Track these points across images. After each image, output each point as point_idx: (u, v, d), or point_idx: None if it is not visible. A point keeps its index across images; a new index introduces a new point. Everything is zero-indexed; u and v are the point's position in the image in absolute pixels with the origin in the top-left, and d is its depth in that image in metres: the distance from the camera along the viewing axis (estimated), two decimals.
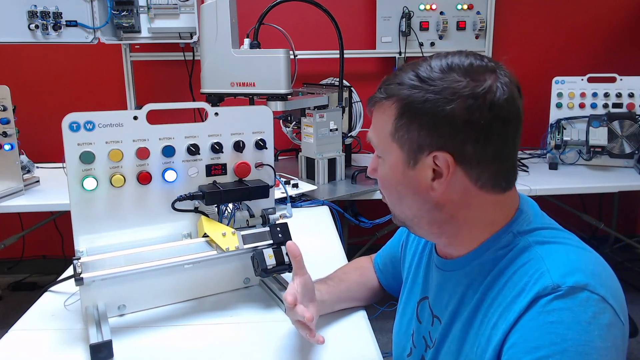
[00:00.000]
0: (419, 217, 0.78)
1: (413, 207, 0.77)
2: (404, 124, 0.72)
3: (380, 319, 2.46)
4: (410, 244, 1.00)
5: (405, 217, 0.80)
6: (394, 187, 0.78)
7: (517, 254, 0.72)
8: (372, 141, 0.79)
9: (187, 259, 1.02)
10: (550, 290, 0.64)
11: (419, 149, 0.72)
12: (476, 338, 0.73)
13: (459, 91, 0.68)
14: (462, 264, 0.79)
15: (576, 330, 0.61)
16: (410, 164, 0.74)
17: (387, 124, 0.74)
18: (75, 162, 0.97)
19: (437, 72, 0.71)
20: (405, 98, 0.72)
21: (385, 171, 0.78)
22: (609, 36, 2.91)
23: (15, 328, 1.00)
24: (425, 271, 0.91)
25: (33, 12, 2.21)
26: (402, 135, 0.73)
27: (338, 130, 2.03)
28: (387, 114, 0.74)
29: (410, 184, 0.75)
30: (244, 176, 1.12)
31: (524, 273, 0.69)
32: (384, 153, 0.77)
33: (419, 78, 0.71)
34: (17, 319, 1.03)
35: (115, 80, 2.69)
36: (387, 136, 0.75)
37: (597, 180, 2.21)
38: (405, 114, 0.72)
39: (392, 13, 2.70)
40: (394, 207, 0.81)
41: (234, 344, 0.95)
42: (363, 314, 1.05)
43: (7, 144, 1.95)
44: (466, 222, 0.76)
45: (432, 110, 0.69)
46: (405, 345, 0.93)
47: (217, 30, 1.81)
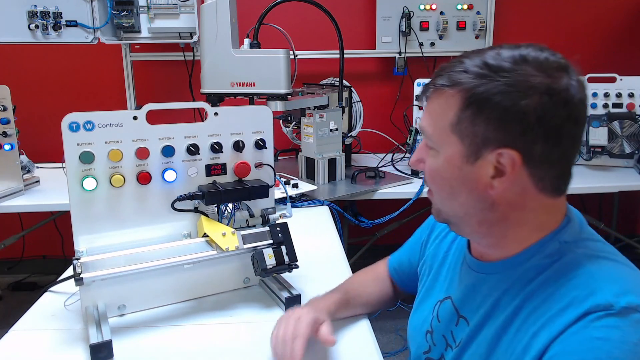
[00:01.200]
0: (470, 215, 0.74)
1: (465, 204, 0.73)
2: (469, 116, 0.67)
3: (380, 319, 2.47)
4: (431, 243, 0.99)
5: (453, 215, 0.76)
6: (447, 181, 0.73)
7: (565, 266, 0.69)
8: (426, 131, 0.74)
9: (187, 259, 1.02)
10: (602, 308, 0.62)
11: (483, 143, 0.67)
12: (510, 344, 0.70)
13: (534, 86, 0.64)
14: (501, 268, 0.76)
15: (623, 350, 0.59)
16: (471, 159, 0.69)
17: (448, 114, 0.69)
18: (75, 162, 0.97)
19: (508, 62, 0.66)
20: (472, 88, 0.66)
21: (439, 164, 0.73)
22: (609, 36, 2.91)
23: (15, 328, 1.00)
24: (450, 271, 0.89)
25: (33, 12, 2.21)
26: (466, 127, 0.68)
27: (338, 130, 2.03)
28: (449, 103, 0.69)
29: (467, 180, 0.71)
30: (243, 176, 1.12)
31: (573, 287, 0.66)
32: (439, 145, 0.72)
33: (489, 67, 0.66)
34: (17, 319, 1.03)
35: (115, 80, 2.69)
36: (446, 127, 0.70)
37: (597, 180, 2.21)
38: (472, 105, 0.67)
39: (392, 13, 2.70)
40: (443, 202, 0.77)
41: (234, 344, 0.95)
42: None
43: (7, 144, 1.95)
44: (517, 224, 0.72)
45: (504, 103, 0.64)
46: (421, 342, 0.91)
47: (217, 30, 1.81)
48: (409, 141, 2.25)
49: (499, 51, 0.68)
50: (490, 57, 0.67)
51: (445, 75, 0.70)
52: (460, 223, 0.77)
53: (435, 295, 0.91)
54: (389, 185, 2.05)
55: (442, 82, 0.70)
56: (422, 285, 0.98)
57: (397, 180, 2.11)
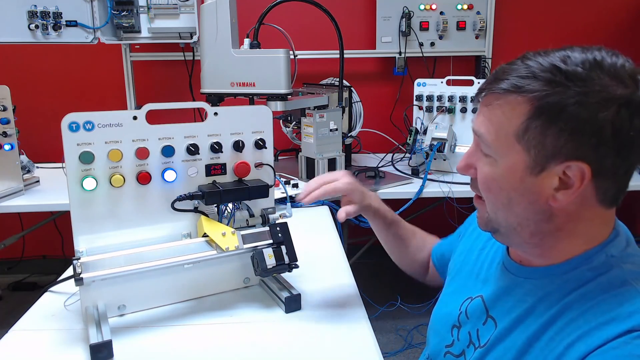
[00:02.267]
0: (523, 227, 0.70)
1: (521, 215, 0.69)
2: (539, 126, 0.63)
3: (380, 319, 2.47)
4: (467, 237, 0.98)
5: (505, 225, 0.72)
6: (505, 192, 0.69)
7: (610, 281, 0.67)
8: (485, 138, 0.69)
9: (187, 259, 1.02)
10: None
11: (552, 155, 0.63)
12: (541, 353, 0.68)
13: (613, 97, 0.60)
14: (541, 275, 0.74)
15: None
16: (535, 170, 0.65)
17: (513, 122, 0.65)
18: (75, 162, 0.97)
19: (581, 67, 0.62)
20: (544, 96, 0.62)
21: (497, 173, 0.69)
22: (609, 36, 2.91)
23: (15, 328, 1.00)
24: (484, 270, 0.87)
25: (33, 12, 2.21)
26: (534, 137, 0.64)
27: (338, 130, 2.03)
28: (516, 111, 0.65)
29: (528, 192, 0.67)
30: (243, 176, 1.12)
31: (618, 303, 0.64)
32: (499, 153, 0.68)
33: (561, 72, 0.62)
34: (17, 319, 1.03)
35: (115, 80, 2.69)
36: (509, 135, 0.66)
37: None
38: (543, 114, 0.62)
39: (392, 13, 2.70)
40: (496, 212, 0.72)
41: (234, 344, 0.95)
42: (363, 313, 1.05)
43: (7, 144, 1.95)
44: (569, 235, 0.70)
45: (581, 115, 0.60)
46: (445, 335, 0.90)
47: (217, 30, 1.81)
48: (409, 141, 2.25)
49: (568, 54, 0.64)
50: (559, 60, 0.64)
51: (510, 78, 0.66)
52: (511, 234, 0.73)
53: (466, 291, 0.89)
54: (389, 185, 2.05)
55: (506, 86, 0.66)
56: (452, 278, 0.97)
57: (397, 180, 2.11)
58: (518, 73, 0.65)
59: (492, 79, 0.69)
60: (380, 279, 2.82)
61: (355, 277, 1.22)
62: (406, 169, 2.30)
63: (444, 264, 1.09)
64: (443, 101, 2.25)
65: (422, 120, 2.28)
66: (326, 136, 2.01)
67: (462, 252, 0.98)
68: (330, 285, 1.18)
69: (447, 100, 2.25)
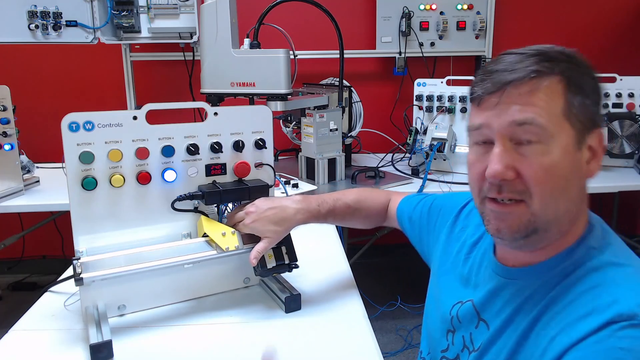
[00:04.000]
0: (568, 212, 0.70)
1: (574, 198, 0.70)
2: (577, 100, 0.67)
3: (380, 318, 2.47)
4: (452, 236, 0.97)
5: (553, 217, 0.69)
6: (563, 177, 0.68)
7: (587, 273, 0.68)
8: (537, 123, 0.66)
9: (187, 259, 1.02)
10: (626, 318, 0.60)
11: (590, 126, 0.68)
12: (530, 349, 0.69)
13: (593, 69, 0.69)
14: (527, 274, 0.75)
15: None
16: (579, 145, 0.68)
17: (557, 101, 0.67)
18: (75, 162, 0.97)
19: (565, 50, 0.70)
20: (572, 72, 0.67)
21: (555, 159, 0.67)
22: (609, 36, 2.91)
23: (15, 328, 1.00)
24: (474, 274, 0.87)
25: (33, 12, 2.21)
26: (576, 112, 0.67)
27: (338, 130, 2.03)
28: (554, 90, 0.67)
29: (578, 169, 0.69)
30: (243, 176, 1.12)
31: (597, 295, 0.65)
32: (552, 137, 0.67)
33: (565, 54, 0.69)
34: (17, 319, 1.03)
35: (115, 80, 2.69)
36: (558, 115, 0.67)
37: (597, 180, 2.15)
38: (576, 88, 0.67)
39: (392, 13, 2.70)
40: (549, 203, 0.68)
41: (234, 344, 0.95)
42: (363, 313, 1.05)
43: (7, 144, 1.95)
44: (578, 221, 0.72)
45: (597, 86, 0.68)
46: (440, 340, 0.89)
47: (217, 30, 1.81)
48: (409, 141, 2.25)
49: (548, 45, 0.70)
50: (549, 48, 0.70)
51: (529, 66, 0.67)
52: (550, 227, 0.70)
53: (457, 295, 0.89)
54: (389, 185, 2.05)
55: (538, 68, 0.67)
56: (438, 276, 0.97)
57: (397, 180, 2.11)
58: (529, 62, 0.67)
59: (505, 74, 0.68)
60: (380, 279, 2.83)
61: (355, 277, 1.22)
62: (406, 169, 2.30)
63: (414, 226, 1.11)
64: (443, 101, 2.25)
65: (422, 120, 2.28)
66: (326, 136, 2.01)
67: (449, 252, 0.96)
68: (330, 285, 1.18)
69: (447, 100, 2.25)
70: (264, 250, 1.03)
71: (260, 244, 1.03)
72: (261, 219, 1.03)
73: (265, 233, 1.03)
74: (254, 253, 1.02)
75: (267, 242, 1.03)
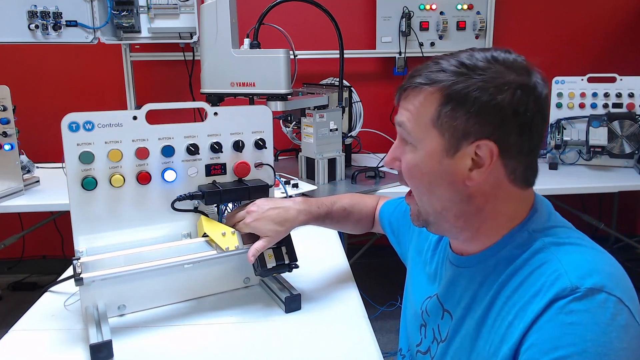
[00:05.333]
0: (447, 210, 0.76)
1: (443, 198, 0.76)
2: (449, 111, 0.71)
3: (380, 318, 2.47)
4: (421, 235, 1.01)
5: (432, 211, 0.78)
6: (426, 176, 0.76)
7: (532, 254, 0.72)
8: (405, 127, 0.76)
9: (187, 259, 1.02)
10: (569, 292, 0.64)
11: (463, 136, 0.71)
12: (489, 336, 0.73)
13: (509, 82, 0.69)
14: (476, 261, 0.79)
15: (595, 332, 0.62)
16: (450, 152, 0.73)
17: (428, 110, 0.73)
18: (75, 162, 0.97)
19: (482, 62, 0.71)
20: (451, 85, 0.71)
21: (418, 159, 0.76)
22: (609, 36, 2.91)
23: (15, 328, 1.00)
24: (438, 268, 0.92)
25: (33, 12, 2.21)
26: (446, 122, 0.72)
27: (338, 130, 2.03)
28: (429, 100, 0.73)
29: (446, 173, 0.74)
30: (243, 176, 1.12)
31: (541, 274, 0.69)
32: (419, 141, 0.75)
33: (465, 66, 0.71)
34: (17, 319, 1.03)
35: (115, 80, 2.69)
36: (427, 122, 0.73)
37: (597, 180, 2.21)
38: (452, 101, 0.71)
39: (392, 13, 2.70)
40: (421, 199, 0.79)
41: (234, 344, 0.95)
42: (363, 313, 1.05)
43: (7, 144, 1.95)
44: (491, 216, 0.76)
45: (482, 98, 0.69)
46: (414, 335, 0.93)
47: (217, 30, 1.81)
48: None
49: (471, 53, 0.73)
50: (464, 57, 0.73)
51: (422, 74, 0.74)
52: (438, 220, 0.79)
53: (426, 291, 0.93)
54: (388, 185, 2.05)
55: (420, 80, 0.74)
56: (410, 275, 1.01)
57: (397, 180, 2.10)
58: (429, 69, 0.74)
59: (408, 77, 0.77)
60: (380, 279, 2.83)
61: (355, 277, 1.22)
62: None
63: (393, 229, 1.16)
64: None
65: None
66: (326, 136, 2.01)
67: (420, 251, 1.00)
68: (330, 285, 1.18)
69: None
70: (263, 248, 1.03)
71: (260, 242, 1.03)
72: (263, 218, 1.03)
73: (266, 232, 1.03)
74: (252, 251, 1.02)
75: (266, 241, 1.03)
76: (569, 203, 2.53)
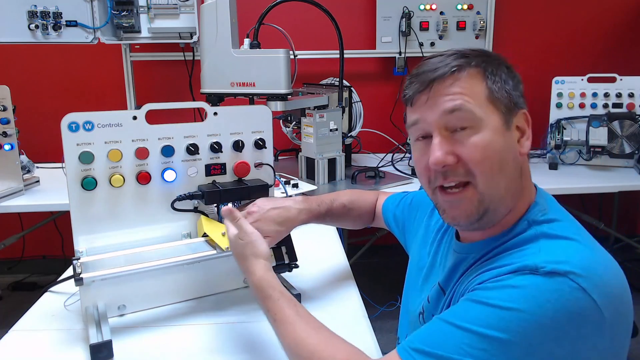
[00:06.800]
0: (508, 190, 0.75)
1: (510, 174, 0.75)
2: (498, 85, 0.74)
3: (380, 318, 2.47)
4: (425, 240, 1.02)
5: (497, 194, 0.74)
6: (498, 154, 0.73)
7: (521, 242, 0.73)
8: (466, 109, 0.73)
9: (187, 258, 1.02)
10: (529, 269, 0.65)
11: (513, 108, 0.75)
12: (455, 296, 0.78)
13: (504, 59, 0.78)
14: (478, 248, 0.80)
15: (530, 301, 0.62)
16: (507, 125, 0.75)
17: (480, 88, 0.74)
18: (75, 162, 0.97)
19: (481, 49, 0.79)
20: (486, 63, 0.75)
21: (488, 139, 0.73)
22: (609, 36, 2.91)
23: (15, 328, 1.00)
24: (443, 257, 0.93)
25: (33, 12, 2.21)
26: (497, 97, 0.74)
27: (338, 130, 2.03)
28: (475, 79, 0.75)
29: (510, 147, 0.75)
30: (243, 176, 1.12)
31: (515, 256, 0.71)
32: (481, 120, 0.73)
33: (475, 50, 0.77)
34: (17, 319, 1.03)
35: (115, 80, 2.69)
36: (483, 101, 0.74)
37: (597, 180, 2.21)
38: (494, 76, 0.74)
39: (392, 13, 2.70)
40: (490, 182, 0.74)
41: (234, 344, 0.95)
42: (363, 313, 1.05)
43: (7, 144, 1.95)
44: (522, 195, 0.77)
45: (513, 74, 0.76)
46: (415, 324, 0.94)
47: (217, 30, 1.81)
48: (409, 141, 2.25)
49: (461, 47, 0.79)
50: (464, 48, 0.78)
51: (449, 63, 0.75)
52: (498, 205, 0.75)
53: (430, 281, 0.94)
54: (389, 185, 2.05)
55: (458, 62, 0.75)
56: (413, 274, 1.01)
57: (397, 180, 2.11)
58: (450, 56, 0.76)
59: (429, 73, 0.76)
60: (380, 279, 2.82)
61: (355, 277, 1.22)
62: (406, 169, 2.30)
63: (397, 222, 1.17)
64: None
65: None
66: (326, 136, 2.01)
67: (425, 243, 1.01)
68: (330, 285, 1.18)
69: None
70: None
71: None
72: (264, 219, 1.03)
73: (268, 233, 1.02)
74: None
75: (267, 241, 1.03)
76: (569, 203, 2.53)
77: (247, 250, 0.91)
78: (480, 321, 0.63)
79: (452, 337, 0.64)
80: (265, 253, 0.91)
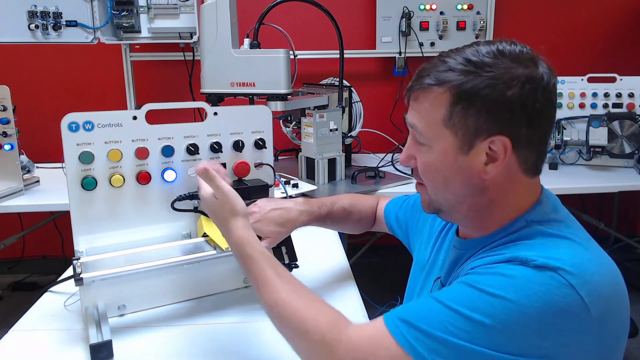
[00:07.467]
0: (461, 202, 0.78)
1: (459, 192, 0.77)
2: (460, 110, 0.72)
3: None
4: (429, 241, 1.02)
5: (445, 204, 0.80)
6: (441, 173, 0.77)
7: (517, 238, 0.74)
8: (417, 128, 0.77)
9: (187, 258, 1.02)
10: (519, 260, 0.66)
11: (475, 134, 0.72)
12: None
13: (516, 77, 0.70)
14: (476, 244, 0.81)
15: (518, 291, 0.63)
16: (464, 149, 0.74)
17: (439, 110, 0.74)
18: (75, 162, 0.97)
19: (488, 57, 0.72)
20: (461, 84, 0.71)
21: (432, 158, 0.77)
22: (609, 36, 2.91)
23: (15, 328, 1.00)
24: (444, 254, 0.93)
25: (33, 12, 2.21)
26: (458, 121, 0.72)
27: (338, 130, 2.03)
28: (439, 101, 0.73)
29: (461, 169, 0.75)
30: (243, 176, 1.12)
31: (508, 249, 0.71)
32: (432, 140, 0.76)
33: (472, 63, 0.72)
34: (17, 319, 1.03)
35: (115, 80, 2.69)
36: (437, 123, 0.74)
37: (597, 180, 2.21)
38: (462, 100, 0.71)
39: (392, 13, 2.69)
40: (436, 193, 0.80)
41: (234, 344, 0.95)
42: (363, 313, 1.06)
43: (7, 144, 1.95)
44: (501, 206, 0.77)
45: (492, 95, 0.70)
46: None
47: (217, 30, 1.81)
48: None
49: (477, 48, 0.74)
50: (470, 54, 0.73)
51: (431, 75, 0.74)
52: (451, 211, 0.81)
53: (431, 279, 0.95)
54: (389, 185, 2.05)
55: (429, 81, 0.74)
56: (419, 262, 1.02)
57: (397, 180, 2.11)
58: (437, 69, 0.74)
59: (416, 78, 0.78)
60: (380, 279, 2.82)
61: (355, 277, 1.22)
62: (406, 169, 2.29)
63: (400, 224, 1.18)
64: None
65: None
66: (326, 136, 2.01)
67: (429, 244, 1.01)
68: (330, 285, 1.18)
69: None
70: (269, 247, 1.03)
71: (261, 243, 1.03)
72: (265, 219, 1.03)
73: (268, 234, 1.03)
74: None
75: (267, 242, 1.03)
76: (569, 203, 2.52)
77: (224, 209, 0.87)
78: (466, 303, 0.65)
79: (438, 315, 0.66)
80: (243, 210, 0.88)
